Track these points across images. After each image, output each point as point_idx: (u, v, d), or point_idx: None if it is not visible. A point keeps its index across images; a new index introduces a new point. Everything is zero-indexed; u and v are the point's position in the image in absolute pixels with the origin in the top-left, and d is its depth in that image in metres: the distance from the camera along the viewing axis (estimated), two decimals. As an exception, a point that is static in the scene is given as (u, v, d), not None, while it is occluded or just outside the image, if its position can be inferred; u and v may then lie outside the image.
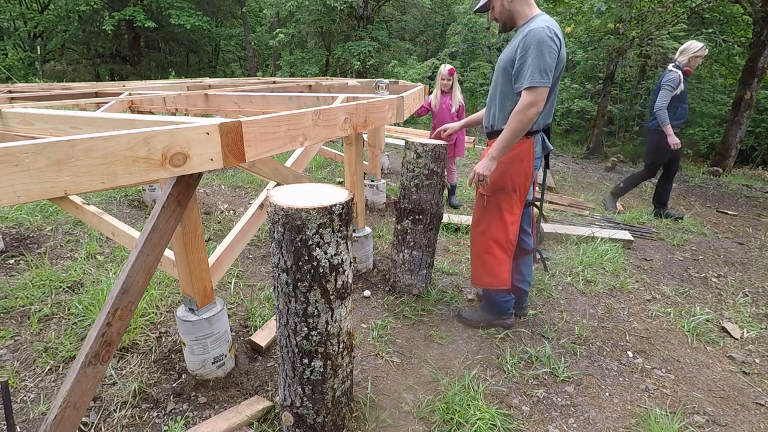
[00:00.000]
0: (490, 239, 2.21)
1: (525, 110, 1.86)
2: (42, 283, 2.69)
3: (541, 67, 1.82)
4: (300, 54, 16.27)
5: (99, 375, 1.29)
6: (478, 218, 2.26)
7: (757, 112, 12.40)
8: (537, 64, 1.83)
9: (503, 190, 2.12)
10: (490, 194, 2.14)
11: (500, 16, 2.04)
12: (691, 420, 1.85)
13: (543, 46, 1.81)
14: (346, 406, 1.65)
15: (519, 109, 1.88)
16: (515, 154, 2.05)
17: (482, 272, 2.28)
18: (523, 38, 1.87)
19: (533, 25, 1.88)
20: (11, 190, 0.96)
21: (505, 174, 2.08)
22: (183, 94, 2.80)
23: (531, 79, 1.84)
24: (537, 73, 1.83)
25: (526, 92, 1.86)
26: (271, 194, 1.40)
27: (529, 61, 1.85)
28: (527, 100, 1.85)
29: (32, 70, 17.11)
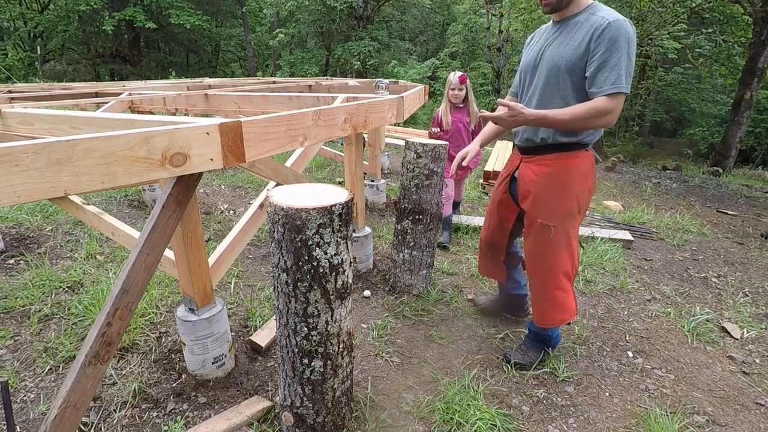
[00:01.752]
0: (560, 274, 1.88)
1: (600, 117, 1.58)
2: (42, 283, 2.69)
3: (628, 70, 1.55)
4: (300, 54, 16.27)
5: (99, 375, 1.29)
6: (543, 252, 1.88)
7: (757, 112, 12.40)
8: (626, 66, 1.54)
9: (570, 214, 1.80)
10: (557, 223, 1.80)
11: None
12: (691, 420, 1.85)
13: (631, 44, 1.54)
14: (346, 406, 1.65)
15: (593, 113, 1.58)
16: (579, 171, 1.76)
17: (553, 311, 1.95)
18: (601, 31, 1.56)
19: (607, 14, 1.58)
20: (11, 190, 0.96)
21: (570, 196, 1.77)
22: (183, 94, 2.80)
23: (617, 84, 1.54)
24: (624, 78, 1.54)
25: (608, 99, 1.56)
26: (271, 194, 1.40)
27: (614, 61, 1.54)
28: (607, 106, 1.56)
29: (32, 70, 17.11)
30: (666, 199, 5.88)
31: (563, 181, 1.75)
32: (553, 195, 1.78)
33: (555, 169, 1.78)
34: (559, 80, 1.70)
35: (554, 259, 1.86)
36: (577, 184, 1.77)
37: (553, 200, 1.78)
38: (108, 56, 19.14)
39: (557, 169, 1.78)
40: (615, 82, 1.54)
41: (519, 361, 2.13)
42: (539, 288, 1.96)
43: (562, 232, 1.81)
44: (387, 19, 16.79)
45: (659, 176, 7.55)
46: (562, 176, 1.76)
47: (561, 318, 1.95)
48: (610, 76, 1.55)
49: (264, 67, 22.17)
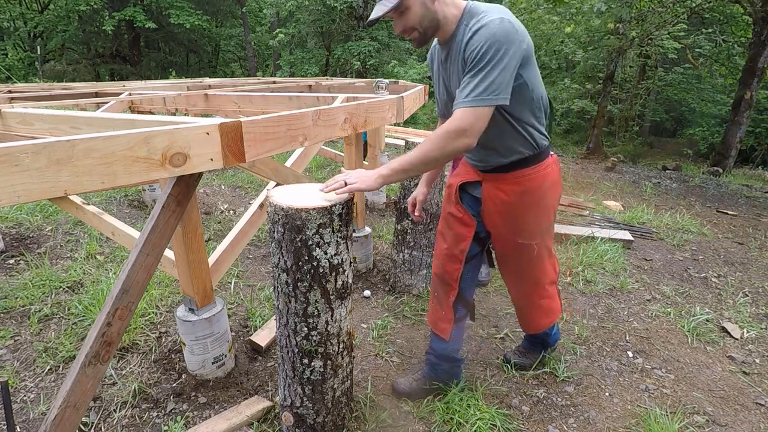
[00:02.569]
0: (545, 285, 1.80)
1: (454, 138, 1.29)
2: (42, 283, 2.69)
3: (497, 79, 1.26)
4: (300, 54, 16.27)
5: (99, 375, 1.29)
6: (528, 270, 1.74)
7: (757, 112, 12.40)
8: (491, 74, 1.26)
9: (548, 227, 1.68)
10: (538, 240, 1.64)
11: (421, 21, 1.37)
12: (691, 420, 1.85)
13: (502, 46, 1.25)
14: (346, 406, 1.65)
15: (444, 136, 1.30)
16: (550, 181, 1.58)
17: (540, 318, 1.87)
18: (465, 46, 1.32)
19: (475, 23, 1.31)
20: (11, 190, 0.96)
21: (547, 209, 1.63)
22: (183, 94, 2.80)
23: (474, 95, 1.27)
24: (486, 88, 1.26)
25: (461, 113, 1.29)
26: (271, 194, 1.40)
27: (476, 72, 1.28)
28: (460, 123, 1.28)
29: (32, 70, 17.11)
30: (666, 199, 5.88)
31: (538, 196, 1.56)
32: (531, 213, 1.59)
33: (529, 186, 1.56)
34: None
35: (538, 274, 1.75)
36: (551, 194, 1.61)
37: (532, 218, 1.60)
38: (108, 56, 19.13)
39: (531, 185, 1.56)
40: (472, 94, 1.26)
41: (519, 362, 2.10)
42: (525, 303, 1.86)
43: (544, 246, 1.69)
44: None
45: (659, 176, 7.56)
46: (536, 192, 1.56)
47: (548, 321, 1.88)
48: (467, 89, 1.28)
49: (264, 67, 22.16)
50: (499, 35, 1.25)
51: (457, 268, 1.72)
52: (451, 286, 1.75)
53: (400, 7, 1.34)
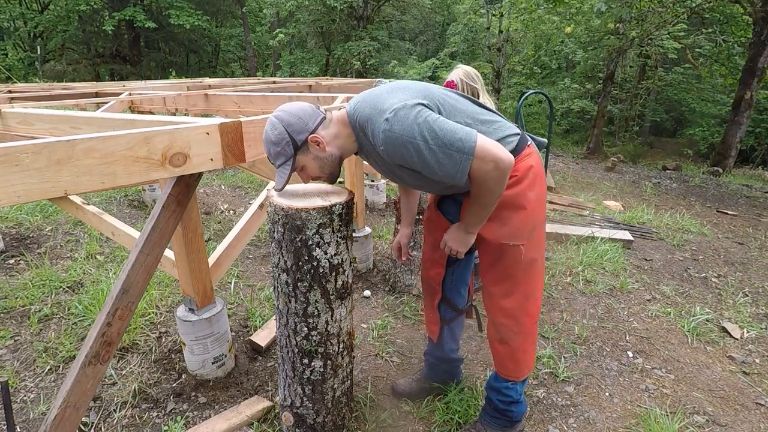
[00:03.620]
0: (539, 300, 1.55)
1: (490, 180, 1.22)
2: (42, 283, 2.69)
3: (450, 138, 1.17)
4: (300, 54, 16.28)
5: (99, 375, 1.29)
6: (517, 279, 1.48)
7: (757, 112, 12.40)
8: (444, 144, 1.17)
9: (535, 227, 1.46)
10: (524, 241, 1.43)
11: (322, 169, 1.33)
12: (691, 420, 1.85)
13: (416, 132, 1.17)
14: (346, 406, 1.65)
15: (480, 183, 1.24)
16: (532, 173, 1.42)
17: (533, 353, 1.59)
18: (385, 159, 1.27)
19: (372, 133, 1.23)
20: (11, 190, 0.96)
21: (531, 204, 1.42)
22: (183, 94, 2.80)
23: (459, 160, 1.18)
24: (455, 146, 1.17)
25: (473, 168, 1.20)
26: (271, 194, 1.40)
27: (429, 160, 1.19)
28: (481, 170, 1.20)
29: (32, 70, 17.11)
30: (666, 199, 5.88)
31: (517, 191, 1.40)
32: (512, 209, 1.42)
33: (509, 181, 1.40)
34: (420, 179, 1.38)
35: (529, 285, 1.50)
36: (532, 189, 1.43)
37: (513, 215, 1.42)
38: (108, 56, 19.14)
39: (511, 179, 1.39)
40: (461, 156, 1.18)
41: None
42: (516, 328, 1.52)
43: (532, 249, 1.47)
44: (387, 19, 16.80)
45: (659, 176, 7.56)
46: (514, 187, 1.40)
47: (530, 362, 1.60)
48: (447, 168, 1.20)
49: (264, 67, 22.17)
50: (403, 133, 1.17)
51: (438, 272, 1.69)
52: (434, 289, 1.72)
53: (295, 170, 1.33)
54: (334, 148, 1.32)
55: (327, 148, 1.31)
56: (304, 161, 1.31)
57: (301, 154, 1.29)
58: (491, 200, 1.29)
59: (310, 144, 1.28)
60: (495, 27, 13.85)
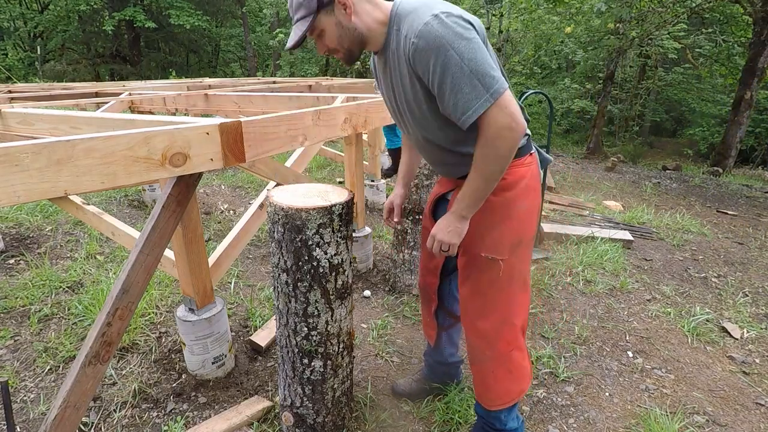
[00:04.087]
0: (516, 326, 1.39)
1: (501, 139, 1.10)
2: (42, 283, 2.69)
3: (477, 71, 1.06)
4: (300, 54, 16.26)
5: (99, 375, 1.29)
6: (492, 298, 1.36)
7: (757, 112, 12.41)
8: (468, 74, 1.06)
9: (520, 242, 1.33)
10: (505, 256, 1.31)
11: (340, 41, 1.23)
12: (691, 420, 1.85)
13: (455, 45, 1.06)
14: (346, 406, 1.65)
15: (488, 142, 1.11)
16: (524, 184, 1.30)
17: (510, 381, 1.42)
18: (413, 60, 1.13)
19: (409, 29, 1.11)
20: (11, 190, 0.96)
21: (518, 217, 1.31)
22: (183, 94, 2.80)
23: (477, 100, 1.08)
24: (478, 86, 1.07)
25: (487, 115, 1.09)
26: (271, 194, 1.40)
27: (452, 82, 1.08)
28: (497, 122, 1.08)
29: (32, 70, 17.11)
30: (666, 199, 5.88)
31: (507, 198, 1.29)
32: (496, 218, 1.30)
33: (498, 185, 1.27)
34: (420, 115, 1.26)
35: (507, 307, 1.35)
36: (523, 200, 1.31)
37: (497, 224, 1.30)
38: (108, 56, 19.14)
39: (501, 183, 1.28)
40: (480, 97, 1.07)
41: None
42: (489, 352, 1.39)
43: (514, 267, 1.33)
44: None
45: (659, 176, 7.56)
46: (504, 192, 1.29)
47: (519, 389, 1.44)
48: (462, 99, 1.08)
49: (264, 67, 22.16)
50: (443, 36, 1.05)
51: (433, 281, 1.63)
52: (431, 297, 1.68)
53: (314, 31, 1.20)
54: (360, 21, 1.19)
55: (353, 18, 1.18)
56: (325, 23, 1.19)
57: (324, 15, 1.17)
58: (495, 169, 1.13)
59: (336, 5, 1.16)
60: (495, 27, 13.85)
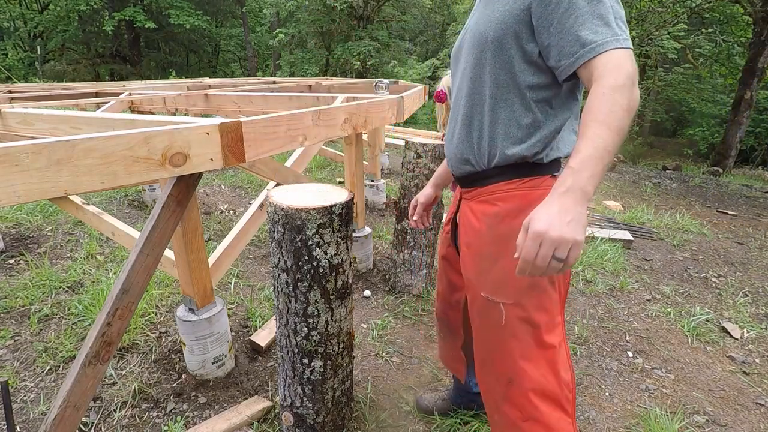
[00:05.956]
0: (529, 392, 1.05)
1: (630, 90, 0.84)
2: (42, 283, 2.68)
3: (617, 11, 0.90)
4: (300, 54, 16.27)
5: (99, 375, 1.29)
6: (492, 346, 1.12)
7: (757, 112, 12.41)
8: (611, 6, 0.89)
9: (535, 285, 1.03)
10: (510, 299, 1.04)
11: None
12: (691, 420, 1.85)
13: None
14: (346, 406, 1.65)
15: (617, 87, 0.83)
16: None
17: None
18: None
19: None
20: (11, 190, 0.96)
21: None
22: (183, 94, 2.80)
23: (610, 33, 0.87)
24: (616, 23, 0.88)
25: (619, 54, 0.86)
26: (271, 194, 1.40)
27: (584, 7, 0.88)
28: (628, 68, 0.85)
29: (32, 70, 17.11)
30: (666, 199, 5.88)
31: (514, 227, 0.99)
32: (501, 250, 1.04)
33: (506, 207, 1.04)
34: (487, 60, 1.02)
35: (512, 364, 1.06)
36: None
37: (500, 258, 1.05)
38: (108, 56, 19.14)
39: (510, 206, 1.04)
40: (605, 35, 0.87)
41: None
42: (497, 415, 1.14)
43: (522, 316, 1.04)
44: (387, 19, 16.79)
45: (659, 176, 7.55)
46: (517, 218, 1.01)
47: None
48: (589, 30, 0.87)
49: (264, 67, 22.16)
50: None
51: (457, 317, 1.41)
52: (456, 332, 1.45)
53: None
54: None
55: None
56: None
57: None
58: (623, 123, 0.83)
59: None
60: (495, 27, 13.84)
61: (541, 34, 0.95)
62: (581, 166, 0.82)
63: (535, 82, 1.01)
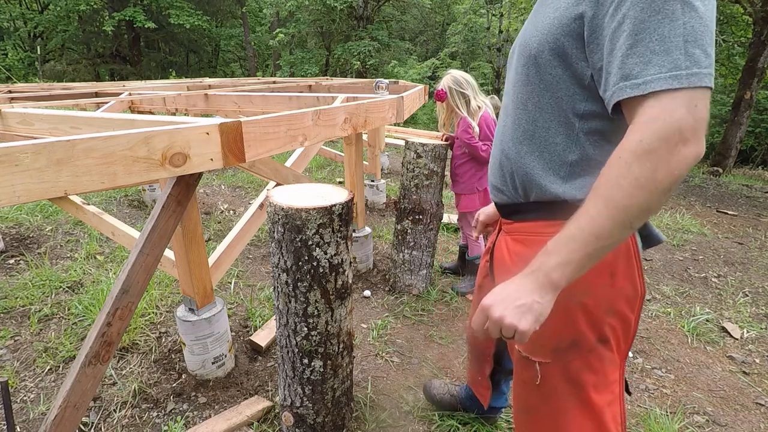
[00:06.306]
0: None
1: (668, 149, 0.64)
2: (42, 283, 2.68)
3: (694, 35, 0.66)
4: (300, 54, 16.28)
5: (99, 375, 1.29)
6: (525, 410, 1.03)
7: (757, 112, 12.41)
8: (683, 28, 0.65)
9: (576, 344, 0.89)
10: (548, 358, 0.92)
11: None
12: (691, 420, 1.85)
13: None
14: (346, 406, 1.65)
15: (645, 144, 0.65)
16: (602, 266, 0.81)
17: None
18: None
19: None
20: (11, 190, 0.96)
21: (577, 307, 0.87)
22: (183, 94, 2.80)
23: (670, 63, 0.66)
24: (685, 49, 0.65)
25: (669, 98, 0.66)
26: (271, 194, 1.40)
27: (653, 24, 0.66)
28: (675, 118, 0.65)
29: (32, 70, 17.12)
30: (666, 199, 5.88)
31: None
32: None
33: None
34: (530, 78, 0.87)
35: (552, 425, 0.96)
36: (595, 288, 0.85)
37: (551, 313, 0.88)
38: (108, 56, 19.15)
39: None
40: (663, 67, 0.65)
41: None
42: None
43: (563, 376, 0.91)
44: (387, 19, 16.80)
45: None
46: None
47: None
48: (640, 54, 0.67)
49: (264, 67, 22.17)
50: None
51: (488, 346, 1.35)
52: (485, 360, 1.39)
53: None
54: None
55: None
56: None
57: None
58: (636, 201, 0.66)
59: None
60: (495, 27, 13.85)
61: (593, 52, 0.76)
62: (555, 248, 0.72)
63: (588, 110, 0.81)
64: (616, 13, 0.70)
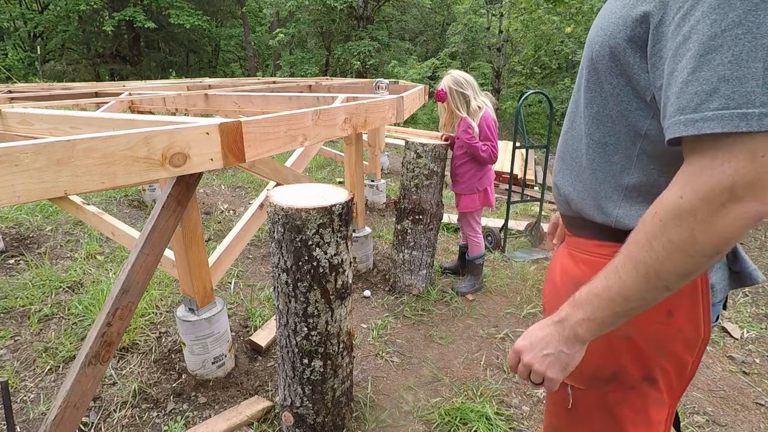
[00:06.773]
0: None
1: (716, 211, 0.52)
2: (42, 283, 2.68)
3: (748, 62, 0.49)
4: (300, 54, 16.27)
5: (99, 375, 1.29)
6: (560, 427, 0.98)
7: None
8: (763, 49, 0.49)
9: (617, 379, 0.82)
10: (582, 384, 0.85)
11: None
12: (691, 420, 1.85)
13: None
14: (346, 406, 1.65)
15: (688, 203, 0.54)
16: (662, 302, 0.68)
17: None
18: None
19: None
20: (11, 190, 0.96)
21: (618, 342, 0.79)
22: (183, 94, 2.80)
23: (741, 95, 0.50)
24: (763, 83, 0.49)
25: (729, 145, 0.51)
26: (271, 194, 1.40)
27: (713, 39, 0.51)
28: (731, 171, 0.51)
29: (32, 70, 17.11)
30: (666, 199, 5.88)
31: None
32: None
33: (590, 276, 0.70)
34: (590, 84, 0.76)
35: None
36: (648, 323, 0.75)
37: None
38: (108, 56, 19.14)
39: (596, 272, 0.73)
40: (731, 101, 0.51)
41: None
42: None
43: (599, 407, 0.85)
44: (387, 19, 16.80)
45: (659, 176, 7.55)
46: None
47: None
48: (705, 79, 0.52)
49: (264, 67, 22.16)
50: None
51: None
52: None
53: None
54: None
55: None
56: None
57: None
58: (672, 266, 0.57)
59: None
60: (495, 27, 13.86)
61: (655, 67, 0.61)
62: (582, 301, 0.67)
63: (652, 130, 0.68)
64: (682, 23, 0.55)
